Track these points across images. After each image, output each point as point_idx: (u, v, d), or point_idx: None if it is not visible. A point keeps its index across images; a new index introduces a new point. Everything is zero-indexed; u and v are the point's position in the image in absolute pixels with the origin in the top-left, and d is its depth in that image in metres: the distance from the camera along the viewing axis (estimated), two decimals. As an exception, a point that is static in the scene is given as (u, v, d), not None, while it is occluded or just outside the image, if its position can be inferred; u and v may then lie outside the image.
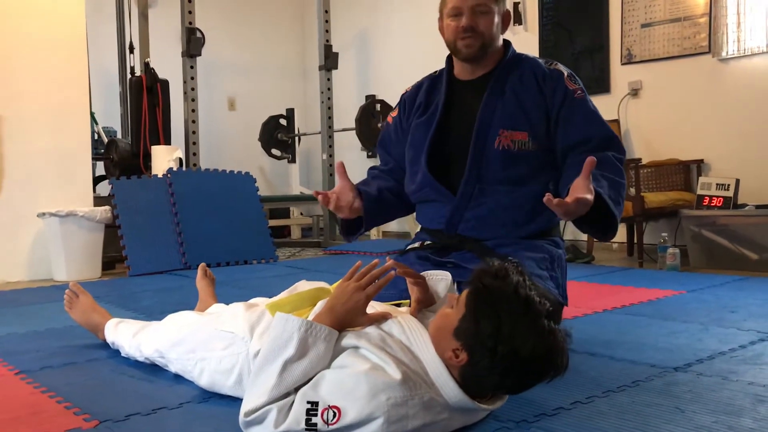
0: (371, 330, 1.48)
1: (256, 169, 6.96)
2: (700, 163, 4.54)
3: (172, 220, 4.47)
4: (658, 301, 2.96)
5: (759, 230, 3.86)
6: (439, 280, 1.72)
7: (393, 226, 6.46)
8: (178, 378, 1.88)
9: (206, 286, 2.53)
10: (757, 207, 3.94)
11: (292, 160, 7.10)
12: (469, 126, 2.08)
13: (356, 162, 6.64)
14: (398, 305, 1.76)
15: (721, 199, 4.05)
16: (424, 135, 2.16)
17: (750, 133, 4.36)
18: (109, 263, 4.50)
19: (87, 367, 2.08)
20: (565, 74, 2.10)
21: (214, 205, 4.61)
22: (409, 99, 2.28)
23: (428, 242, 2.18)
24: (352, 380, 1.35)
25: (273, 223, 5.57)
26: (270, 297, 1.91)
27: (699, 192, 4.17)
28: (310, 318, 1.51)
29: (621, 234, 4.88)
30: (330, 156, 5.92)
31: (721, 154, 4.48)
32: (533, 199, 2.06)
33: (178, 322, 1.98)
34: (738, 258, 3.90)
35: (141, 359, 2.05)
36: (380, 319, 1.51)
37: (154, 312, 2.81)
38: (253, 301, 1.96)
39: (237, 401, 1.61)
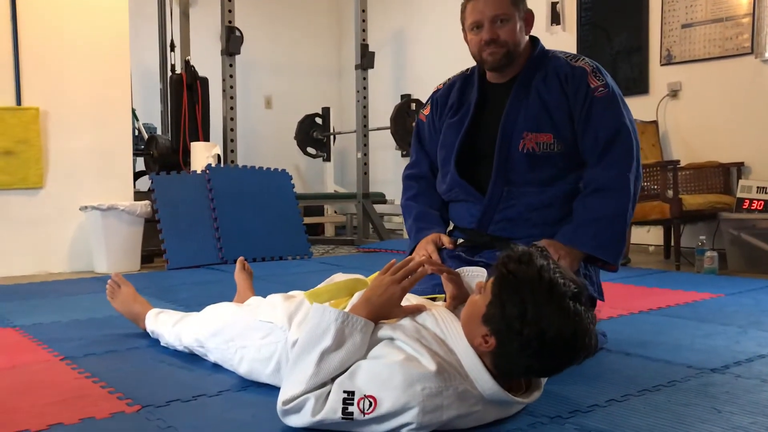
0: (406, 322, 1.50)
1: (292, 167, 7.03)
2: (740, 165, 4.47)
3: (209, 216, 4.54)
4: (695, 303, 2.92)
5: (800, 234, 3.79)
6: (474, 276, 1.73)
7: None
8: (216, 367, 1.92)
9: (244, 280, 2.58)
10: (799, 211, 3.87)
11: (327, 159, 7.15)
12: (497, 128, 2.09)
13: (390, 161, 6.68)
14: (433, 299, 1.78)
15: (762, 203, 3.98)
16: (454, 136, 2.17)
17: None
18: (147, 257, 4.59)
19: (128, 355, 2.14)
20: (589, 70, 2.07)
21: (250, 201, 4.67)
22: (441, 98, 2.28)
23: (460, 240, 2.20)
24: (388, 370, 1.37)
25: (307, 220, 5.62)
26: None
27: (739, 195, 4.11)
28: (347, 309, 1.54)
29: (657, 236, 4.83)
30: (365, 155, 5.95)
31: (761, 157, 4.41)
32: (563, 198, 2.07)
33: (218, 312, 2.02)
34: (778, 262, 3.83)
35: (180, 348, 2.10)
36: (415, 311, 1.53)
37: (191, 304, 2.86)
38: (291, 293, 2.00)
39: (275, 389, 1.64)
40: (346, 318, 1.45)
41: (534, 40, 2.17)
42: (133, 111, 5.29)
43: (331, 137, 7.17)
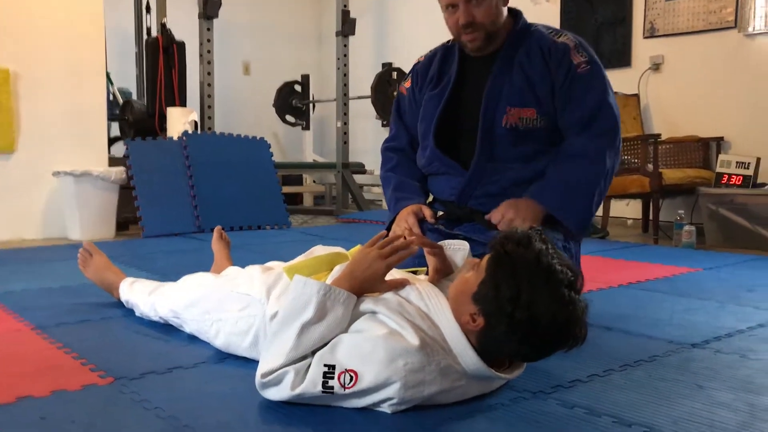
0: (389, 296, 1.46)
1: (270, 135, 6.94)
2: (720, 140, 4.48)
3: (186, 183, 4.46)
4: (674, 277, 2.93)
5: (778, 210, 3.82)
6: (457, 249, 1.70)
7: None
8: (192, 339, 1.88)
9: (222, 249, 2.53)
10: (777, 186, 3.89)
11: (306, 127, 7.06)
12: (478, 102, 2.05)
13: (371, 130, 6.62)
14: (414, 272, 1.75)
15: (741, 178, 4.00)
16: (434, 109, 2.12)
17: (772, 112, 4.28)
18: (122, 224, 4.51)
19: (101, 325, 2.09)
20: (572, 45, 2.02)
21: (228, 168, 4.60)
22: (422, 70, 2.23)
23: (440, 213, 2.16)
24: (370, 344, 1.35)
25: (285, 190, 5.56)
26: (285, 261, 1.90)
27: (718, 170, 4.12)
28: (329, 282, 1.50)
29: (636, 210, 4.84)
30: (345, 124, 5.88)
31: (742, 133, 4.42)
32: (542, 173, 2.03)
33: (194, 283, 1.97)
34: (755, 237, 3.85)
35: (155, 319, 2.05)
36: (398, 285, 1.50)
37: (168, 273, 2.81)
38: (269, 264, 1.96)
39: (252, 362, 1.61)
40: (329, 290, 1.41)
41: (515, 13, 2.11)
42: (108, 75, 5.15)
43: (311, 105, 7.07)
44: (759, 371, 1.66)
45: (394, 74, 5.96)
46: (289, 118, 7.07)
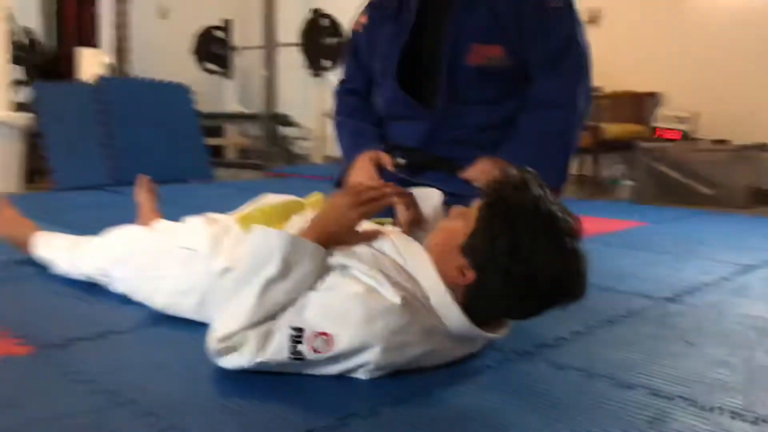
0: (361, 248, 1.29)
1: (188, 84, 6.53)
2: (656, 95, 4.47)
3: (101, 132, 4.10)
4: (624, 232, 2.88)
5: (714, 166, 3.84)
6: (427, 198, 1.53)
7: (333, 150, 6.21)
8: (124, 299, 1.64)
9: (148, 201, 2.27)
10: (713, 142, 3.90)
11: (228, 76, 6.69)
12: (440, 39, 1.86)
13: (298, 81, 6.31)
14: (380, 224, 1.57)
15: (679, 133, 3.99)
16: (394, 45, 1.91)
17: (709, 68, 4.29)
18: (32, 175, 4.11)
19: (14, 285, 1.82)
20: None
21: (147, 117, 4.25)
22: (378, 4, 2.02)
23: (401, 160, 1.98)
24: (345, 304, 1.17)
25: (206, 142, 5.24)
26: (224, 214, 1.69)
27: (657, 124, 4.11)
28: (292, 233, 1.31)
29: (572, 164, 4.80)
30: (272, 73, 5.57)
31: (678, 88, 4.41)
32: (508, 117, 1.88)
33: (124, 236, 1.73)
34: (690, 192, 3.87)
35: (77, 277, 1.80)
36: (371, 237, 1.32)
37: (84, 229, 2.51)
38: (212, 215, 1.73)
39: (199, 325, 1.41)
40: (294, 242, 1.22)
41: None
42: (9, 12, 4.65)
43: (233, 53, 6.70)
44: (740, 326, 1.59)
45: (326, 21, 5.68)
46: (209, 66, 6.68)
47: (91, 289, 1.74)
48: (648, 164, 4.01)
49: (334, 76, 6.18)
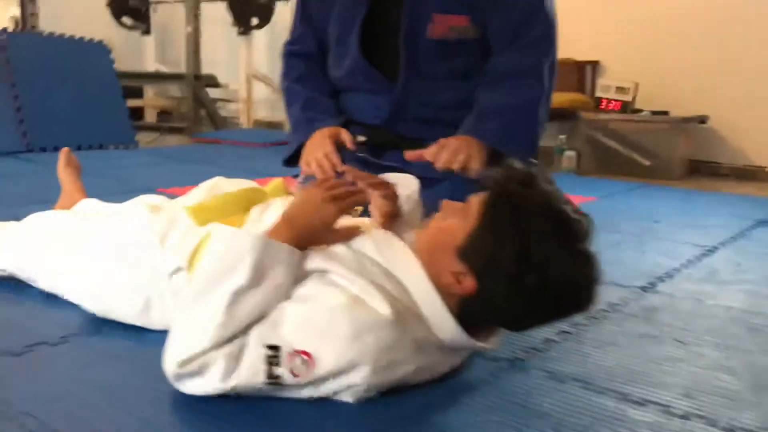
0: (341, 249, 1.12)
1: (103, 40, 6.07)
2: (595, 64, 4.42)
3: (8, 93, 3.71)
4: (575, 207, 2.81)
5: (653, 136, 3.83)
6: (403, 186, 1.37)
7: (262, 113, 5.93)
8: (51, 298, 1.43)
9: (71, 175, 2.01)
10: (653, 113, 3.89)
11: (147, 32, 6.26)
12: (400, 8, 1.68)
13: (223, 39, 5.96)
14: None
15: (620, 103, 3.96)
16: (354, 9, 1.73)
17: (649, 37, 4.25)
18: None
19: None
20: None
21: (61, 78, 3.89)
22: None
23: (361, 138, 1.80)
24: (327, 317, 1.02)
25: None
26: (150, 192, 1.49)
27: (598, 94, 4.06)
28: (252, 229, 1.14)
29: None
30: (195, 29, 5.23)
31: (617, 56, 4.37)
32: None
33: (47, 223, 1.50)
34: (630, 163, 3.86)
35: (-7, 272, 1.56)
36: (350, 235, 1.16)
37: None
38: (150, 199, 1.52)
39: (143, 332, 1.24)
40: (266, 244, 1.04)
41: None
42: None
43: (152, 6, 6.25)
44: (726, 320, 1.52)
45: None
46: (125, 20, 6.21)
47: (10, 286, 1.50)
48: (589, 134, 3.97)
49: (265, 35, 5.90)
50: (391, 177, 1.40)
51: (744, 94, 3.87)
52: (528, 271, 1.00)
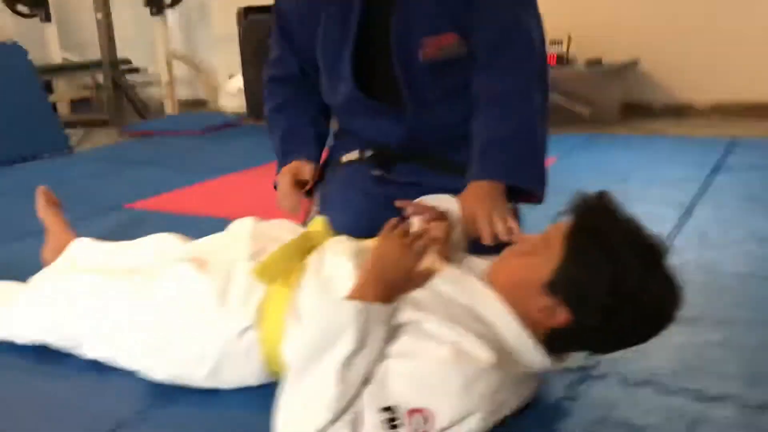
0: (424, 296, 1.15)
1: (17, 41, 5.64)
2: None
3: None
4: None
5: (590, 85, 3.96)
6: (444, 206, 1.40)
7: (184, 92, 5.71)
8: (101, 368, 1.38)
9: (53, 215, 1.94)
10: (588, 63, 4.00)
11: (47, 18, 5.85)
12: (387, 28, 1.62)
13: (131, 19, 5.66)
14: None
15: (554, 56, 4.04)
16: (341, 37, 1.66)
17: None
18: None
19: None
20: None
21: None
22: None
23: (370, 153, 1.77)
24: (436, 372, 1.05)
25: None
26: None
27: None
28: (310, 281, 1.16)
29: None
30: (107, 15, 4.93)
31: (550, 8, 4.43)
32: None
33: (83, 285, 1.43)
34: (571, 114, 3.98)
35: (21, 342, 1.49)
36: (426, 278, 1.18)
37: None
38: (189, 249, 1.47)
39: (217, 395, 1.26)
40: (367, 308, 1.05)
41: None
42: None
43: (47, -9, 5.84)
44: (746, 289, 1.63)
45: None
46: (21, 8, 5.78)
47: (45, 357, 1.44)
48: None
49: (176, 14, 5.62)
50: (431, 200, 1.42)
51: (672, 35, 4.02)
52: (621, 300, 1.06)
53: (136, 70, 5.38)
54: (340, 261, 1.25)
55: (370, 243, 1.32)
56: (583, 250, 1.08)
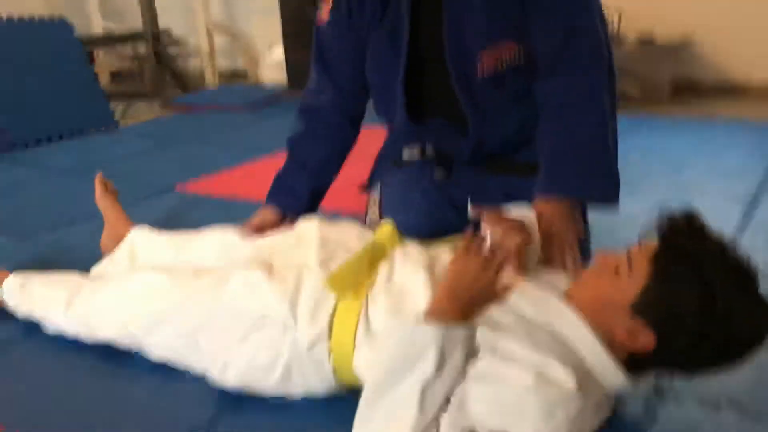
0: (503, 316, 1.12)
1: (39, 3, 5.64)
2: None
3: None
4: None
5: (641, 63, 3.86)
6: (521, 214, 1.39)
7: (223, 64, 5.66)
8: (165, 370, 1.38)
9: (112, 205, 1.95)
10: (639, 40, 3.90)
11: (87, -12, 5.85)
12: (438, 43, 1.56)
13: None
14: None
15: (605, 32, 3.94)
16: (391, 61, 1.61)
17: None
18: None
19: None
20: None
21: (27, 64, 3.65)
22: (354, 1, 1.63)
23: (431, 152, 1.73)
24: (517, 396, 1.03)
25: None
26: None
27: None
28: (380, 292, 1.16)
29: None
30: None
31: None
32: None
33: (151, 286, 1.43)
34: (618, 95, 3.89)
35: (85, 339, 1.50)
36: (504, 295, 1.16)
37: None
38: (256, 251, 1.46)
39: (287, 404, 1.27)
40: (446, 331, 1.04)
41: None
42: None
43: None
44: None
45: None
46: (61, -23, 5.78)
47: (111, 357, 1.45)
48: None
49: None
50: (507, 210, 1.40)
51: (726, 10, 3.88)
52: (712, 324, 1.03)
53: (176, 42, 5.36)
54: (411, 273, 1.24)
55: (440, 252, 1.31)
56: (671, 273, 1.05)
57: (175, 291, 1.40)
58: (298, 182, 1.74)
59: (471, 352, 1.08)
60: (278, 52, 4.89)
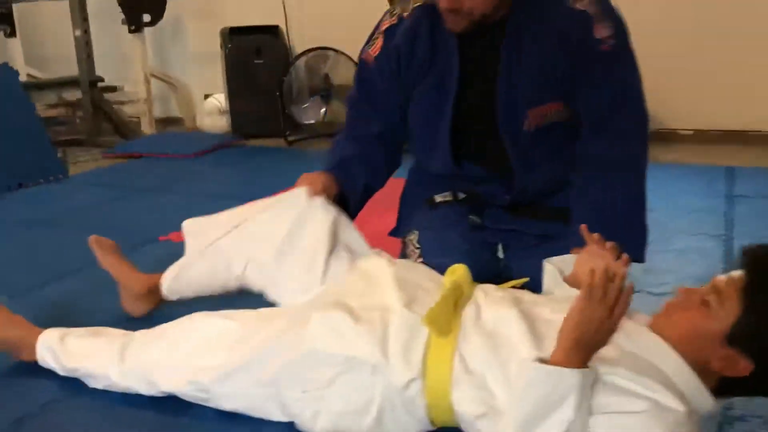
0: (608, 350, 1.18)
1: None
2: None
3: None
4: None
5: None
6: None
7: (157, 110, 5.53)
8: (233, 418, 1.36)
9: (117, 262, 1.89)
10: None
11: (11, 34, 5.62)
12: (488, 99, 1.68)
13: (106, 35, 5.46)
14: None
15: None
16: (437, 108, 1.71)
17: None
18: None
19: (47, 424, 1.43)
20: (594, 14, 1.63)
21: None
22: (404, 45, 1.71)
23: (463, 196, 1.82)
24: (641, 423, 1.10)
25: None
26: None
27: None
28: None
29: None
30: (86, 31, 4.78)
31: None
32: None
33: (216, 336, 1.42)
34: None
35: (145, 393, 1.45)
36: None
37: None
38: (332, 294, 1.46)
39: None
40: (585, 378, 1.09)
41: None
42: None
43: (12, 4, 5.61)
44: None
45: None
46: (-17, 22, 5.54)
47: (176, 406, 1.41)
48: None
49: (150, 31, 5.44)
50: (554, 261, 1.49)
51: (660, 70, 4.20)
52: None
53: (113, 89, 5.23)
54: (501, 311, 1.29)
55: (524, 293, 1.36)
56: (764, 303, 1.15)
57: (249, 337, 1.39)
58: (357, 171, 1.76)
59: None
60: (215, 100, 4.89)
